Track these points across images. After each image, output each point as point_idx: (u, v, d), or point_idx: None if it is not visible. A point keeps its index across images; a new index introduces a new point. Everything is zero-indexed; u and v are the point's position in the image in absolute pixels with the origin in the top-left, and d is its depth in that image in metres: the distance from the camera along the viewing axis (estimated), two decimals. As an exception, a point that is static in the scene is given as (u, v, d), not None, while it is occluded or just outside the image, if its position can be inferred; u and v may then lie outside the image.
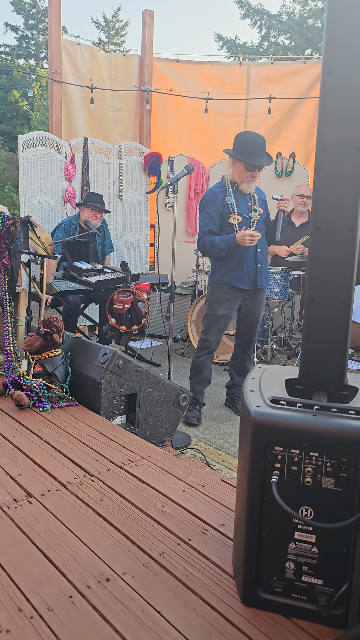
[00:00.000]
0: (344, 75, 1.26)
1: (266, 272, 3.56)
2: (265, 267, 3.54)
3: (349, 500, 1.16)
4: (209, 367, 3.59)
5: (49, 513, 1.62)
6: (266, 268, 3.55)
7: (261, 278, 3.51)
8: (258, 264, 3.47)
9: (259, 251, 3.47)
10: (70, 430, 2.23)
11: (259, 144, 3.36)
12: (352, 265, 1.32)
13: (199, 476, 1.89)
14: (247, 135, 3.40)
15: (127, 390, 2.50)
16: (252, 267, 3.45)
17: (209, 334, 3.54)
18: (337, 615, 1.18)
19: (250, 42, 18.55)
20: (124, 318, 3.65)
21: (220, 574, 1.38)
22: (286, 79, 6.20)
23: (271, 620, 1.23)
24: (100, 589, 1.30)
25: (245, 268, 3.44)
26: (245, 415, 1.25)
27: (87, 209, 4.60)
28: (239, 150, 3.35)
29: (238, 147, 3.35)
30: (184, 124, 6.49)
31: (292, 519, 1.20)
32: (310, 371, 1.37)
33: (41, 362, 2.57)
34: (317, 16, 16.34)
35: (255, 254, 3.46)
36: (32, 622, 1.20)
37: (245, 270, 3.45)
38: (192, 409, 3.57)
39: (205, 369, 3.57)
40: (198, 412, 3.56)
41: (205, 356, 3.57)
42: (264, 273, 3.53)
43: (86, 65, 5.81)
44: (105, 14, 26.92)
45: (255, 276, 3.47)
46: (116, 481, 1.82)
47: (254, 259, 3.46)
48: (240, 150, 3.34)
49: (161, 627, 1.19)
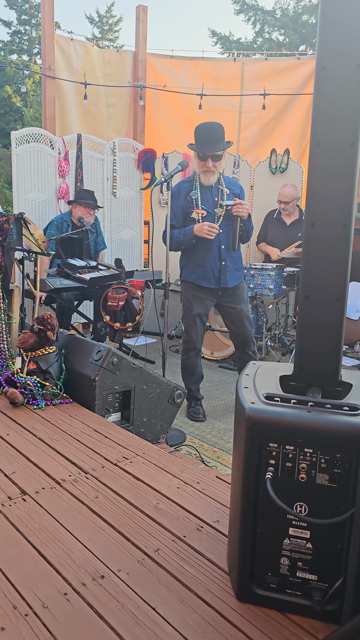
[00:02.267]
0: (338, 71, 1.26)
1: (235, 270, 3.41)
2: (234, 265, 3.40)
3: (343, 496, 1.16)
4: (198, 364, 3.58)
5: (43, 511, 1.62)
6: (235, 266, 3.41)
7: (226, 276, 3.37)
8: (222, 261, 3.34)
9: (223, 248, 3.33)
10: (65, 427, 2.23)
11: (211, 132, 3.23)
12: (346, 261, 1.32)
13: (193, 473, 1.89)
14: (201, 126, 3.29)
15: (121, 387, 2.49)
16: (215, 264, 3.34)
17: (191, 334, 3.51)
18: (332, 610, 1.19)
19: (244, 38, 18.51)
20: (118, 315, 3.65)
21: (215, 570, 1.39)
22: (280, 75, 6.19)
23: (266, 615, 1.23)
24: (95, 586, 1.30)
25: (208, 265, 3.35)
26: (240, 411, 1.25)
27: (80, 206, 4.58)
28: (195, 141, 3.28)
29: (195, 139, 3.28)
30: (178, 120, 6.47)
31: (286, 515, 1.20)
32: (304, 367, 1.37)
33: (35, 360, 2.56)
34: (311, 12, 16.33)
35: (219, 251, 3.34)
36: (27, 619, 1.20)
37: (208, 267, 3.35)
38: (193, 406, 3.59)
39: (195, 368, 3.57)
40: (200, 407, 3.57)
41: (193, 357, 3.55)
42: (230, 271, 3.38)
43: (79, 60, 5.78)
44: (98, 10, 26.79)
45: (219, 274, 3.35)
46: (111, 478, 1.82)
47: (218, 257, 3.34)
48: (195, 141, 3.27)
49: (156, 624, 1.19)
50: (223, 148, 3.28)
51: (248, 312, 3.53)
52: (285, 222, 5.28)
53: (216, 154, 3.26)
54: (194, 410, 3.56)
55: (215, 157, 3.28)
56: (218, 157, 3.29)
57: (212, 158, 3.27)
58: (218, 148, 3.24)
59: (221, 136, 3.27)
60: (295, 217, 5.28)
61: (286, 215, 5.27)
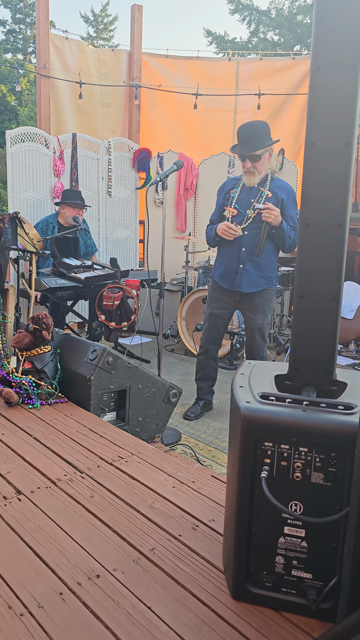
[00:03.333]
0: (333, 71, 1.26)
1: (257, 277, 3.26)
2: (256, 270, 3.26)
3: (338, 495, 1.16)
4: (210, 366, 3.55)
5: (38, 510, 1.62)
6: (258, 272, 3.26)
7: (241, 279, 3.26)
8: (240, 264, 3.25)
9: (243, 250, 3.24)
10: (60, 427, 2.23)
11: (250, 132, 3.11)
12: (341, 261, 1.32)
13: (189, 472, 1.89)
14: (243, 126, 3.17)
15: (117, 386, 2.49)
16: (233, 266, 3.28)
17: (202, 333, 3.50)
18: (327, 608, 1.19)
19: (239, 37, 18.53)
20: (114, 314, 3.65)
21: (210, 569, 1.39)
22: (275, 75, 6.20)
23: (261, 614, 1.23)
24: (90, 586, 1.30)
25: (227, 266, 3.31)
26: (235, 411, 1.25)
27: (69, 207, 4.56)
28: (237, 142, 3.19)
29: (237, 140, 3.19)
30: (173, 120, 6.47)
31: (281, 514, 1.21)
32: (299, 367, 1.37)
33: (30, 359, 2.55)
34: (305, 12, 16.36)
35: (238, 253, 3.25)
36: (22, 619, 1.20)
37: (227, 268, 3.31)
38: (194, 404, 3.61)
39: (205, 368, 3.55)
40: (198, 407, 3.57)
41: (202, 356, 3.54)
42: (246, 275, 3.25)
43: (74, 60, 5.78)
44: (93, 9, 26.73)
45: (235, 276, 3.27)
46: (106, 478, 1.82)
47: (237, 259, 3.26)
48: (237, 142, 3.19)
49: (152, 623, 1.19)
50: (260, 147, 3.11)
51: (263, 324, 3.35)
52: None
53: (253, 154, 3.12)
54: (190, 409, 3.57)
55: (253, 157, 3.13)
56: (256, 158, 3.14)
57: (250, 159, 3.14)
58: (254, 147, 3.10)
59: (261, 135, 3.12)
60: None
61: None
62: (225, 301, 3.40)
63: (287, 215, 3.24)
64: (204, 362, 3.54)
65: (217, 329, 3.46)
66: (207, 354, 3.52)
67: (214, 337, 3.48)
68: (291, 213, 3.27)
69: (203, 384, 3.59)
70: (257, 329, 3.36)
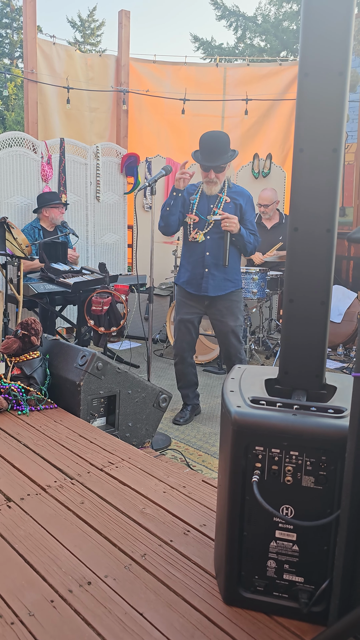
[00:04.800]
0: (320, 78, 1.28)
1: (223, 280, 3.31)
2: (221, 274, 3.30)
3: (329, 498, 1.17)
4: (189, 372, 3.55)
5: (29, 517, 1.60)
6: (224, 275, 3.31)
7: (207, 284, 3.29)
8: (205, 268, 3.29)
9: (207, 255, 3.29)
10: (50, 433, 2.21)
11: (215, 143, 3.18)
12: (329, 265, 1.33)
13: (179, 477, 1.89)
14: (206, 135, 3.23)
15: (106, 392, 2.48)
16: (199, 271, 3.31)
17: (175, 340, 3.51)
18: (318, 612, 1.19)
19: (226, 43, 18.63)
20: (103, 319, 3.64)
21: (202, 574, 1.39)
22: (262, 80, 6.25)
23: (253, 618, 1.23)
24: (82, 593, 1.30)
25: (192, 271, 3.33)
26: (226, 415, 1.25)
27: (53, 209, 4.54)
28: (200, 150, 3.25)
29: (199, 148, 3.25)
30: (161, 125, 6.49)
31: (273, 518, 1.21)
32: (289, 371, 1.38)
33: (19, 365, 2.54)
34: (292, 19, 16.48)
35: (203, 258, 3.30)
36: (13, 628, 1.18)
37: (192, 273, 3.33)
38: (182, 409, 3.62)
39: (185, 375, 3.55)
40: (187, 412, 3.57)
41: (179, 365, 3.52)
42: (212, 279, 3.29)
43: (62, 65, 5.78)
44: (80, 14, 26.71)
45: (201, 281, 3.31)
46: (96, 484, 1.81)
47: (202, 264, 3.29)
48: (200, 150, 3.24)
49: (144, 629, 1.19)
50: (226, 161, 3.22)
51: (236, 326, 3.37)
52: (266, 226, 5.32)
53: (219, 166, 3.22)
54: (179, 414, 3.58)
55: (218, 168, 3.23)
56: (220, 169, 3.24)
57: (214, 169, 3.22)
58: (221, 161, 3.19)
59: (225, 147, 3.21)
60: (276, 220, 5.33)
61: (266, 219, 5.31)
62: (193, 306, 3.42)
63: (247, 220, 3.34)
64: (183, 370, 3.54)
65: (189, 334, 3.46)
66: (184, 362, 3.51)
67: (187, 344, 3.47)
68: (250, 218, 3.37)
69: (187, 390, 3.59)
70: (230, 332, 3.37)
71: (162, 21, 45.86)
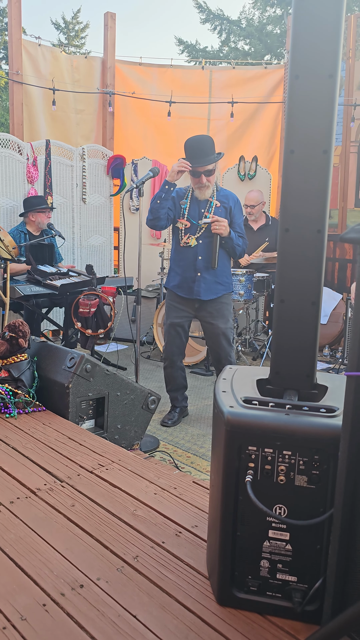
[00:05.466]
0: (310, 80, 1.29)
1: (214, 283, 3.32)
2: (212, 277, 3.31)
3: (322, 497, 1.17)
4: (179, 376, 3.55)
5: (19, 521, 1.59)
6: (215, 278, 3.32)
7: (199, 287, 3.30)
8: (197, 272, 3.30)
9: (200, 259, 3.30)
10: (38, 435, 2.20)
11: (198, 147, 3.18)
12: (320, 266, 1.34)
13: (170, 479, 1.88)
14: (190, 141, 3.23)
15: (95, 394, 2.47)
16: (190, 275, 3.31)
17: (165, 344, 3.50)
18: (312, 611, 1.20)
19: (210, 46, 18.68)
20: (90, 322, 3.63)
21: (194, 575, 1.38)
22: (248, 83, 6.28)
23: (246, 619, 1.23)
24: (74, 596, 1.29)
25: (184, 275, 3.33)
26: (219, 415, 1.25)
27: (39, 214, 4.51)
28: (186, 156, 3.24)
29: (185, 154, 3.25)
30: (147, 127, 6.49)
31: (266, 518, 1.21)
32: (280, 371, 1.39)
33: (7, 367, 2.52)
34: (275, 23, 16.60)
35: (194, 262, 3.30)
36: (4, 632, 1.17)
37: (183, 277, 3.33)
38: (170, 411, 3.62)
39: (174, 379, 3.54)
40: (175, 414, 3.57)
41: (169, 368, 3.52)
42: (204, 283, 3.30)
43: (47, 66, 5.75)
44: (64, 16, 26.60)
45: (192, 285, 3.31)
46: (87, 486, 1.80)
47: (193, 268, 3.30)
48: (186, 157, 3.23)
49: (137, 632, 1.18)
50: (214, 161, 3.22)
51: (226, 329, 3.38)
52: (253, 228, 5.34)
53: (207, 169, 3.21)
54: (167, 415, 3.57)
55: (208, 172, 3.23)
56: (210, 172, 3.25)
57: (205, 174, 3.22)
58: (209, 161, 3.19)
59: (210, 149, 3.22)
60: (262, 222, 5.35)
61: (252, 221, 5.33)
62: (183, 309, 3.42)
63: (235, 223, 3.37)
64: (172, 373, 3.54)
65: (179, 338, 3.46)
66: (174, 366, 3.51)
67: (177, 347, 3.48)
68: (238, 221, 3.40)
69: (176, 393, 3.59)
70: (221, 334, 3.38)
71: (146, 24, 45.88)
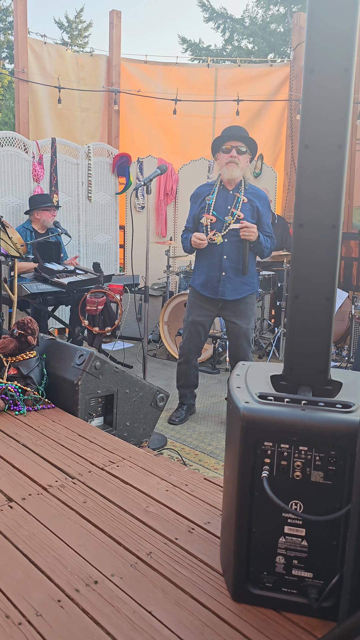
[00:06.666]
0: (326, 74, 1.28)
1: (240, 283, 3.29)
2: (238, 277, 3.28)
3: (338, 493, 1.17)
4: (192, 374, 3.55)
5: (31, 517, 1.59)
6: (240, 279, 3.29)
7: (224, 287, 3.28)
8: (222, 272, 3.27)
9: (225, 258, 3.26)
10: (48, 433, 2.20)
11: (237, 128, 3.27)
12: (334, 261, 1.34)
13: (181, 475, 1.88)
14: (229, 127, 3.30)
15: (104, 391, 2.47)
16: (215, 274, 3.29)
17: (183, 341, 3.50)
18: (328, 607, 1.19)
19: (214, 45, 18.67)
20: (97, 319, 3.62)
21: (208, 571, 1.38)
22: (253, 81, 6.27)
23: (262, 615, 1.23)
24: (89, 592, 1.28)
25: (209, 274, 3.31)
26: (234, 411, 1.25)
27: (44, 212, 4.51)
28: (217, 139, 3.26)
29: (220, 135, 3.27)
30: (153, 125, 6.49)
31: (282, 514, 1.21)
32: (294, 367, 1.38)
33: (16, 365, 2.52)
34: (279, 21, 16.56)
35: (220, 261, 3.27)
36: (20, 628, 1.17)
37: (208, 276, 3.31)
38: (178, 408, 3.61)
39: (187, 376, 3.55)
40: (183, 412, 3.57)
41: (183, 365, 3.52)
42: (229, 283, 3.27)
43: (53, 64, 5.75)
44: (67, 15, 26.57)
45: (218, 284, 3.28)
46: (98, 483, 1.80)
47: (219, 267, 3.27)
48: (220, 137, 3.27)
49: (153, 627, 1.18)
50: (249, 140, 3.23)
51: (248, 329, 3.37)
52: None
53: (241, 146, 3.20)
54: (174, 413, 3.57)
55: (239, 150, 3.20)
56: (242, 152, 3.21)
57: (236, 150, 3.19)
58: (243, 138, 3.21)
59: (247, 134, 3.27)
60: None
61: None
62: (207, 308, 3.40)
63: (264, 223, 3.30)
64: (185, 370, 3.53)
65: (198, 337, 3.45)
66: (189, 363, 3.51)
67: (195, 346, 3.47)
68: (267, 220, 3.34)
69: (186, 390, 3.59)
70: (242, 335, 3.36)
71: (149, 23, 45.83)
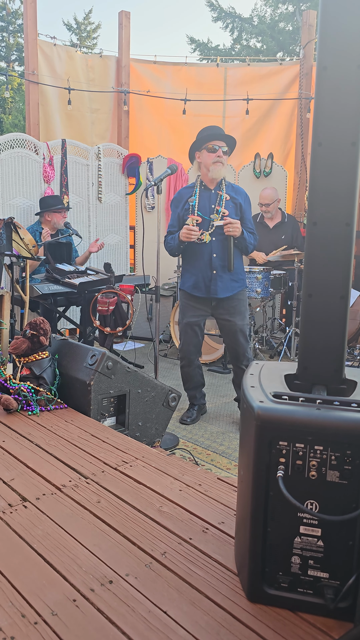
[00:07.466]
0: (339, 71, 1.27)
1: (230, 281, 3.30)
2: (228, 275, 3.28)
3: (354, 493, 1.16)
4: (197, 374, 3.55)
5: (45, 517, 1.59)
6: (230, 276, 3.29)
7: (216, 286, 3.27)
8: (213, 270, 3.26)
9: (214, 257, 3.25)
10: (61, 433, 2.20)
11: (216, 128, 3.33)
12: (348, 259, 1.33)
13: (194, 475, 1.88)
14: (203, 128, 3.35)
15: (116, 391, 2.47)
16: (206, 274, 3.28)
17: (181, 344, 3.50)
18: (344, 607, 1.19)
19: (222, 45, 18.65)
20: (109, 320, 3.63)
21: (223, 571, 1.38)
22: (263, 80, 6.25)
23: (278, 615, 1.22)
24: (104, 592, 1.28)
25: (199, 275, 3.30)
26: (248, 411, 1.24)
27: (55, 214, 4.53)
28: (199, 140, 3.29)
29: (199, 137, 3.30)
30: (162, 125, 6.49)
31: (297, 514, 1.20)
32: (308, 366, 1.37)
33: (28, 365, 2.53)
34: (287, 20, 16.50)
35: (210, 260, 3.26)
36: (36, 627, 1.17)
37: (199, 277, 3.30)
38: (189, 408, 3.61)
39: (192, 377, 3.54)
40: (194, 412, 3.57)
41: (186, 367, 3.52)
42: (220, 281, 3.27)
43: (63, 66, 5.77)
44: (76, 16, 26.68)
45: (209, 284, 3.28)
46: (112, 483, 1.80)
47: (209, 266, 3.26)
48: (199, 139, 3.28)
49: (169, 627, 1.18)
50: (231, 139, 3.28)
51: (243, 325, 3.37)
52: (269, 226, 5.31)
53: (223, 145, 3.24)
54: (185, 413, 3.57)
55: (223, 150, 3.25)
56: (225, 151, 3.27)
57: (222, 148, 3.24)
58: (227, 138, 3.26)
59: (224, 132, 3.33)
60: (278, 220, 5.32)
61: (268, 218, 5.31)
62: (200, 308, 3.40)
63: (247, 219, 3.34)
64: (190, 372, 3.53)
65: (196, 337, 3.45)
66: (191, 365, 3.51)
67: (194, 346, 3.47)
68: (249, 216, 3.38)
69: (194, 391, 3.59)
70: (238, 331, 3.37)
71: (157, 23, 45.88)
